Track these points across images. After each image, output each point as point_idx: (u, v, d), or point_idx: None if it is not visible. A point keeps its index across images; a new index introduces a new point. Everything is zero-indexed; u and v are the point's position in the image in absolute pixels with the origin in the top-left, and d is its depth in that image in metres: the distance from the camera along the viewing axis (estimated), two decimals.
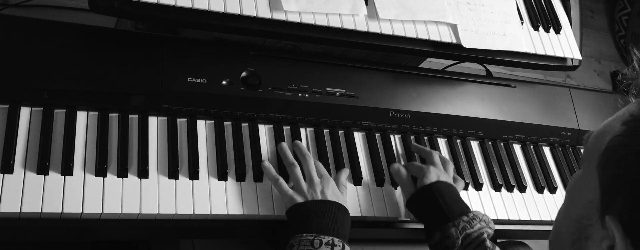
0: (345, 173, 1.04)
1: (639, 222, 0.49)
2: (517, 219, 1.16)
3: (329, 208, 0.93)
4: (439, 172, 1.05)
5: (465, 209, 0.99)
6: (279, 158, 1.03)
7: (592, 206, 0.55)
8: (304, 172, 0.99)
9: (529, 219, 1.17)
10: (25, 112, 0.92)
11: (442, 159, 1.11)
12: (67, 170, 0.88)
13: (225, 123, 1.04)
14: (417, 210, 1.03)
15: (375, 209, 1.05)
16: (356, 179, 1.07)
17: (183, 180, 0.95)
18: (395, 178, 1.08)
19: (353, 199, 1.04)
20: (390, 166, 1.09)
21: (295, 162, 1.00)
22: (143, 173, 0.93)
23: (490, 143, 1.25)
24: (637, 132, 0.52)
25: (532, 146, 1.30)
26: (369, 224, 1.06)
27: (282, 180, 0.98)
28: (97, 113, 0.96)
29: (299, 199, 0.94)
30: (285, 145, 1.03)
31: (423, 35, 1.11)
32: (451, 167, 1.11)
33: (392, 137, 1.16)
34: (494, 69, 1.53)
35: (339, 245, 0.88)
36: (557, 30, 1.28)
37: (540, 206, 1.20)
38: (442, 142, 1.21)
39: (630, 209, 0.50)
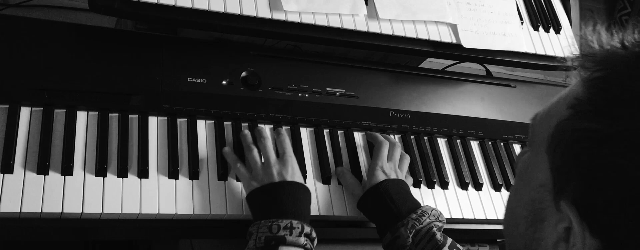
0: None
1: (594, 207, 0.49)
2: None
3: (287, 188, 0.91)
4: (387, 168, 1.03)
5: (414, 205, 0.98)
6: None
7: (544, 190, 0.54)
8: (261, 154, 0.96)
9: None
10: (25, 112, 0.92)
11: (393, 152, 1.08)
12: (67, 170, 0.88)
13: (225, 123, 1.03)
14: (368, 211, 1.01)
15: None
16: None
17: (183, 180, 0.95)
18: (340, 179, 1.05)
19: (353, 198, 1.04)
20: (335, 169, 1.06)
21: (252, 146, 0.97)
22: (143, 173, 0.93)
23: (490, 143, 1.25)
24: (583, 117, 0.50)
25: None
26: (368, 224, 1.06)
27: (240, 164, 0.95)
28: (97, 113, 0.96)
29: (256, 184, 0.92)
30: (246, 131, 1.00)
31: (423, 35, 1.11)
32: (407, 163, 1.09)
33: (392, 137, 1.16)
34: (494, 69, 1.53)
35: (298, 228, 0.86)
36: (557, 30, 1.28)
37: None
38: (442, 142, 1.21)
39: (583, 194, 0.49)
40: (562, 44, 1.27)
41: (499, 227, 1.18)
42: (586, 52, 0.53)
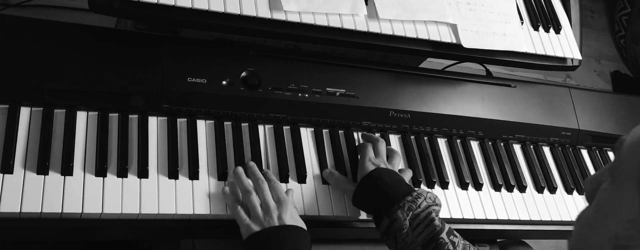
0: (292, 193, 0.99)
1: None
2: (517, 219, 1.16)
3: (287, 233, 0.90)
4: (376, 161, 1.03)
5: (408, 189, 0.97)
6: (277, 160, 1.03)
7: (633, 226, 0.51)
8: (260, 198, 0.94)
9: (529, 219, 1.17)
10: (25, 112, 0.92)
11: (388, 150, 1.09)
12: (67, 170, 0.88)
13: (225, 123, 1.04)
14: (363, 203, 1.00)
15: None
16: (356, 179, 1.07)
17: (183, 180, 0.95)
18: (330, 180, 1.04)
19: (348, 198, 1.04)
20: (323, 172, 1.06)
21: (250, 188, 0.95)
22: (143, 173, 0.93)
23: (490, 143, 1.25)
24: None
25: (532, 146, 1.30)
26: (368, 224, 1.06)
27: (239, 209, 0.93)
28: (97, 113, 0.96)
29: (256, 228, 0.90)
30: (240, 170, 0.98)
31: (423, 35, 1.11)
32: (397, 158, 1.09)
33: (392, 137, 1.16)
34: (494, 69, 1.53)
35: None
36: (557, 30, 1.28)
37: (540, 206, 1.20)
38: (442, 142, 1.21)
39: None
40: (562, 44, 1.27)
41: (499, 227, 1.18)
42: None
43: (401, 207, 0.93)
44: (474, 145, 1.24)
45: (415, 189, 0.97)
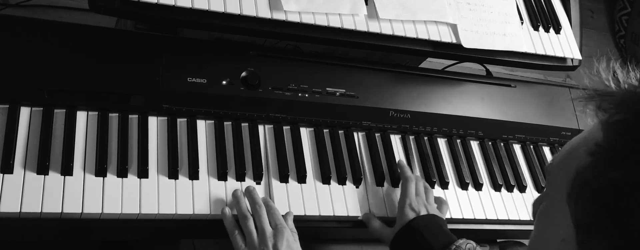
0: (291, 217, 0.97)
1: None
2: (517, 219, 1.16)
3: None
4: (416, 205, 1.01)
5: (448, 241, 0.96)
6: (276, 160, 1.03)
7: (566, 245, 0.50)
8: (256, 224, 0.93)
9: (529, 219, 1.17)
10: (25, 112, 0.92)
11: (418, 186, 1.06)
12: (67, 170, 0.88)
13: (225, 123, 1.04)
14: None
15: (375, 208, 1.05)
16: (356, 179, 1.07)
17: (183, 180, 0.95)
18: (368, 225, 1.03)
19: (353, 199, 1.04)
20: (362, 216, 1.04)
21: (247, 214, 0.93)
22: (143, 173, 0.93)
23: (490, 143, 1.25)
24: (605, 164, 0.46)
25: (532, 146, 1.30)
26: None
27: (237, 234, 0.92)
28: (97, 113, 0.96)
29: None
30: (239, 192, 0.96)
31: (423, 35, 1.11)
32: (431, 193, 1.08)
33: (392, 137, 1.16)
34: (494, 69, 1.53)
35: None
36: (557, 30, 1.28)
37: None
38: (442, 142, 1.21)
39: None
40: (562, 43, 1.27)
41: (499, 227, 1.18)
42: (602, 91, 0.49)
43: None
44: (474, 145, 1.24)
45: (456, 239, 0.96)
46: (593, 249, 0.47)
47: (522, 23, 1.23)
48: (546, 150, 1.32)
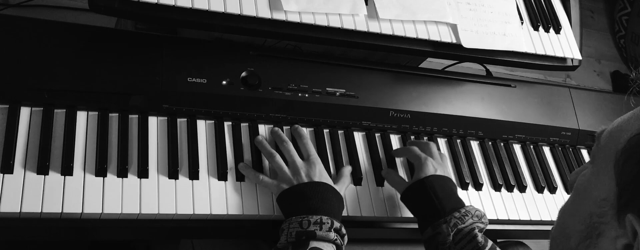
0: (348, 169, 1.05)
1: None
2: (517, 219, 1.16)
3: (316, 188, 0.93)
4: (437, 165, 1.04)
5: (458, 204, 0.98)
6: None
7: (606, 204, 0.54)
8: (286, 159, 0.98)
9: (529, 219, 1.17)
10: (25, 112, 0.92)
11: (433, 149, 1.10)
12: (67, 170, 0.88)
13: (225, 123, 1.04)
14: (411, 204, 1.02)
15: (375, 208, 1.05)
16: (356, 179, 1.07)
17: (183, 180, 0.95)
18: (388, 180, 1.08)
19: (353, 199, 1.05)
20: (382, 171, 1.09)
21: (273, 151, 0.99)
22: (143, 173, 0.93)
23: (490, 143, 1.25)
24: None
25: (532, 146, 1.30)
26: (369, 224, 1.06)
27: (263, 176, 0.97)
28: (97, 113, 0.96)
29: (285, 186, 0.94)
30: (260, 137, 1.02)
31: (423, 35, 1.11)
32: (447, 161, 1.12)
33: (392, 137, 1.16)
34: (494, 69, 1.53)
35: (327, 223, 0.88)
36: (557, 30, 1.28)
37: (540, 206, 1.20)
38: (442, 142, 1.21)
39: None
40: (562, 43, 1.27)
41: (499, 227, 1.18)
42: None
43: (447, 221, 0.95)
44: (474, 145, 1.24)
45: (465, 205, 0.98)
46: (629, 203, 0.52)
47: (522, 23, 1.23)
48: (546, 150, 1.32)
